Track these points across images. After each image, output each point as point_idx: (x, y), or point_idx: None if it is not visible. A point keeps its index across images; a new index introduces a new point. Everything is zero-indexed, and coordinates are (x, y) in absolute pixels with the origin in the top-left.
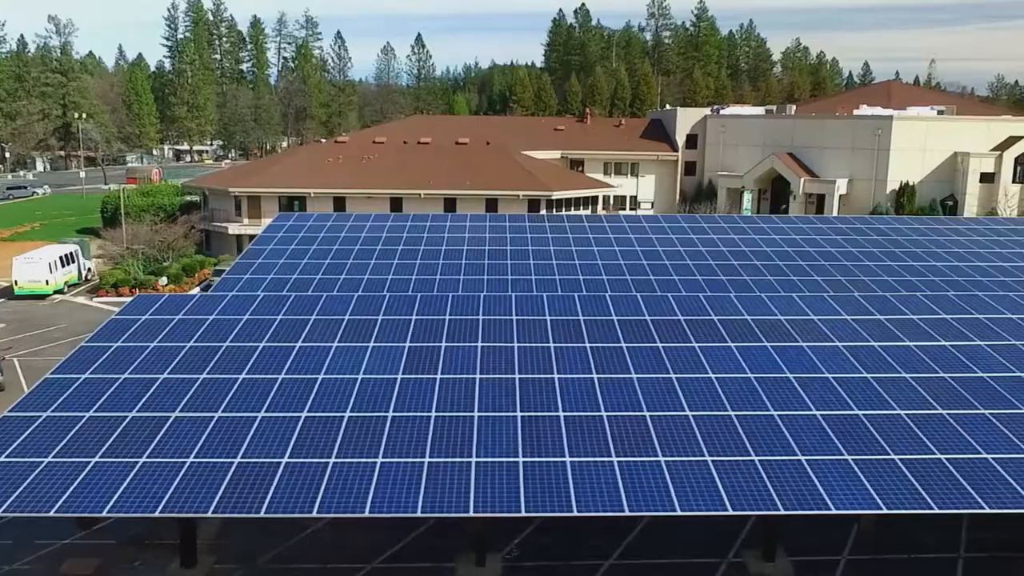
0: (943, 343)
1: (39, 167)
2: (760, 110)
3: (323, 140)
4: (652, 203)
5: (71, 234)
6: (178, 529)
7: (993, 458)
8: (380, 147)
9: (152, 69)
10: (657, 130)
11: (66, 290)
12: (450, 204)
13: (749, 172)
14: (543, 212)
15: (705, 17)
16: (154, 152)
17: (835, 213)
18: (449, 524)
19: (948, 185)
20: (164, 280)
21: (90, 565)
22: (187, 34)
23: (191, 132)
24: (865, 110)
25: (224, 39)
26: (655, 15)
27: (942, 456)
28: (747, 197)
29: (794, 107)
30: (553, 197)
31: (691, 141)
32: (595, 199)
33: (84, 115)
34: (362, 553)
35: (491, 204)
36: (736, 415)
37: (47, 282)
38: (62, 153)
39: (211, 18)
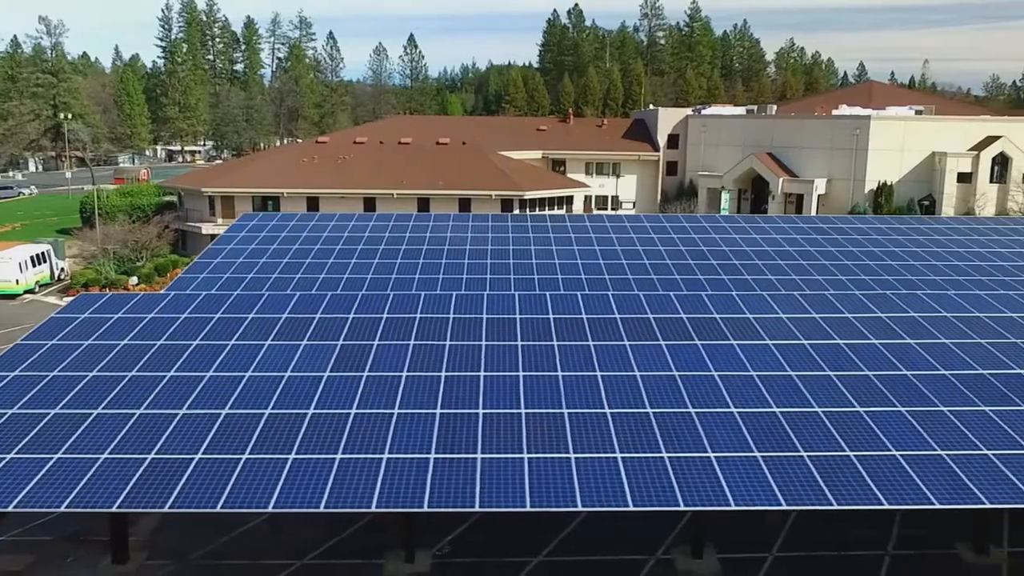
0: (873, 341)
1: (32, 167)
2: (741, 110)
3: (300, 140)
4: (634, 203)
5: (51, 234)
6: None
7: (902, 455)
8: (357, 147)
9: (148, 69)
10: (640, 130)
11: (37, 290)
12: (423, 204)
13: (729, 172)
14: (516, 212)
15: (698, 17)
16: (147, 152)
17: (813, 213)
18: (390, 521)
19: (926, 185)
20: (135, 280)
21: (22, 561)
22: (181, 35)
23: (183, 132)
24: (844, 110)
25: (217, 39)
26: (648, 15)
27: (852, 453)
28: (725, 197)
29: (775, 107)
30: (525, 197)
31: (673, 141)
32: (570, 199)
33: (70, 115)
34: (296, 549)
35: (464, 204)
36: (654, 412)
37: (17, 281)
38: (53, 154)
39: (204, 19)
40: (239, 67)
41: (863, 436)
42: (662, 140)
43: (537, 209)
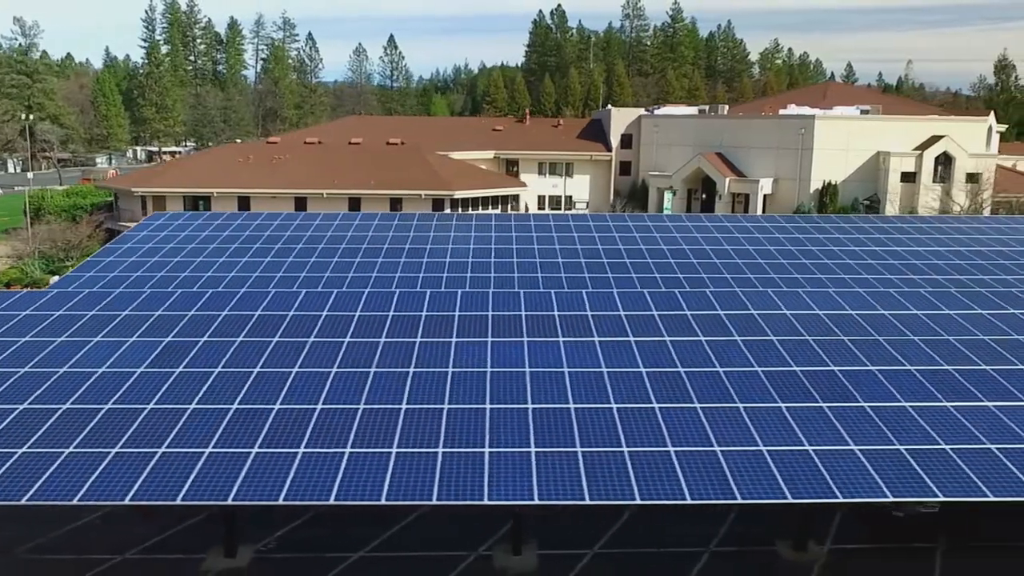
0: (735, 338)
1: (10, 168)
2: (693, 110)
3: (239, 141)
4: (587, 203)
5: None
6: None
7: (676, 450)
8: (299, 148)
9: (131, 70)
10: (595, 131)
11: None
12: (354, 204)
13: (678, 172)
14: (447, 211)
15: (680, 18)
16: (128, 154)
17: (759, 212)
18: (226, 516)
19: (871, 185)
20: (57, 279)
21: None
22: (163, 36)
23: (160, 133)
24: (793, 109)
25: (199, 40)
26: (630, 15)
27: (672, 449)
28: (667, 197)
29: (726, 107)
30: (455, 196)
31: (627, 141)
32: (505, 199)
33: (31, 116)
34: (124, 544)
35: (395, 203)
36: (491, 408)
37: None
38: (30, 154)
39: (185, 20)
40: (221, 68)
41: (691, 432)
42: (615, 140)
43: (470, 208)
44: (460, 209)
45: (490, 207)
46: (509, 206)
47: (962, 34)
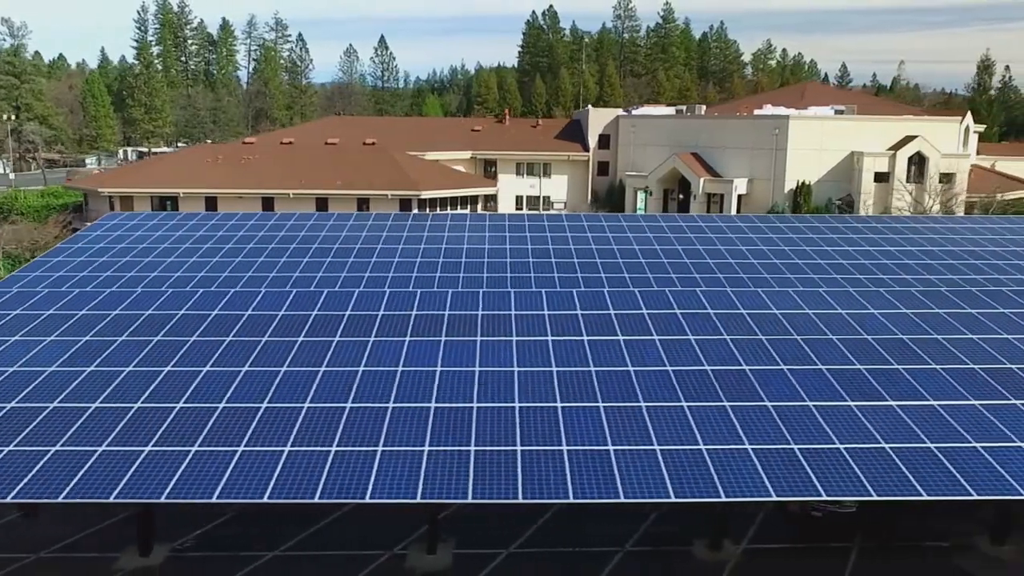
0: (654, 338)
1: (1, 169)
2: (670, 110)
3: (209, 142)
4: (565, 203)
5: None
6: None
7: (569, 450)
8: (273, 148)
9: (122, 71)
10: (575, 131)
11: None
12: (321, 204)
13: (653, 172)
14: (415, 211)
15: (671, 19)
16: (119, 154)
17: (733, 212)
18: (142, 515)
19: (846, 185)
20: None
21: None
22: (151, 37)
23: (149, 134)
24: (769, 110)
25: (190, 41)
26: (621, 16)
27: (565, 448)
28: (640, 197)
29: (703, 107)
30: (422, 196)
31: (604, 141)
32: (475, 199)
33: (18, 117)
34: (41, 543)
35: (362, 203)
36: (394, 405)
37: None
38: (19, 155)
39: (176, 20)
40: (214, 68)
41: (579, 430)
42: (593, 140)
43: (438, 209)
44: (428, 209)
45: (459, 207)
46: (480, 206)
47: (961, 35)
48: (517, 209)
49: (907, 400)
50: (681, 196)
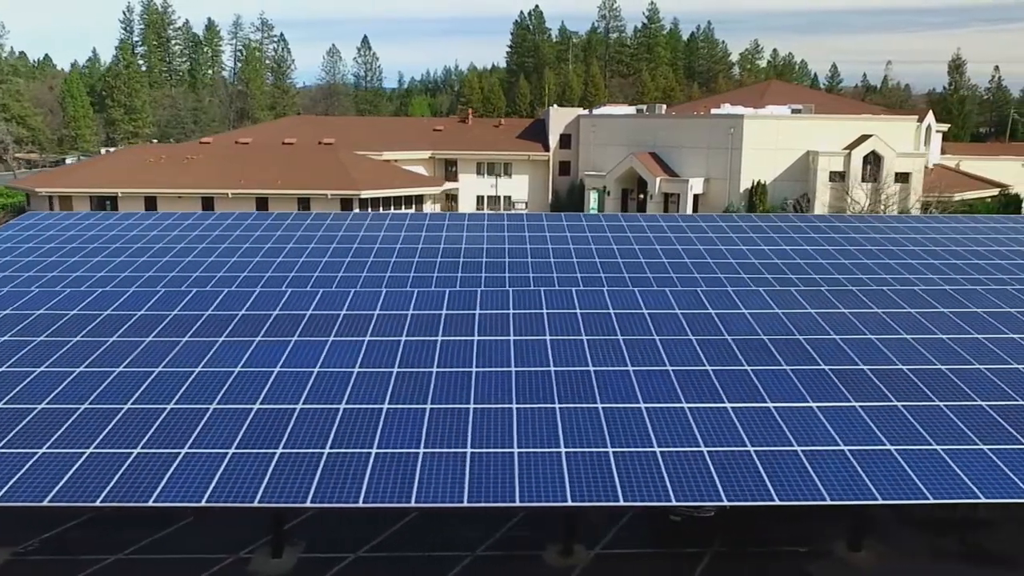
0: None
1: None
2: (631, 109)
3: (154, 141)
4: (526, 203)
5: None
6: None
7: (472, 451)
8: (229, 148)
9: (104, 71)
10: (537, 131)
11: None
12: (262, 203)
13: (611, 171)
14: (356, 210)
15: (656, 19)
16: (101, 154)
17: (689, 212)
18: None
19: (802, 184)
20: None
21: None
22: (138, 37)
23: (130, 135)
24: (727, 109)
25: (173, 41)
26: (606, 16)
27: (421, 449)
28: (593, 196)
29: (664, 107)
30: (362, 196)
31: (566, 141)
32: (420, 198)
33: None
34: None
35: (303, 203)
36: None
37: None
38: None
39: (159, 20)
40: (198, 69)
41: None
42: (554, 140)
43: (380, 208)
44: (370, 208)
45: (404, 207)
46: (414, 206)
47: (962, 35)
48: (478, 209)
49: (784, 402)
50: (641, 196)
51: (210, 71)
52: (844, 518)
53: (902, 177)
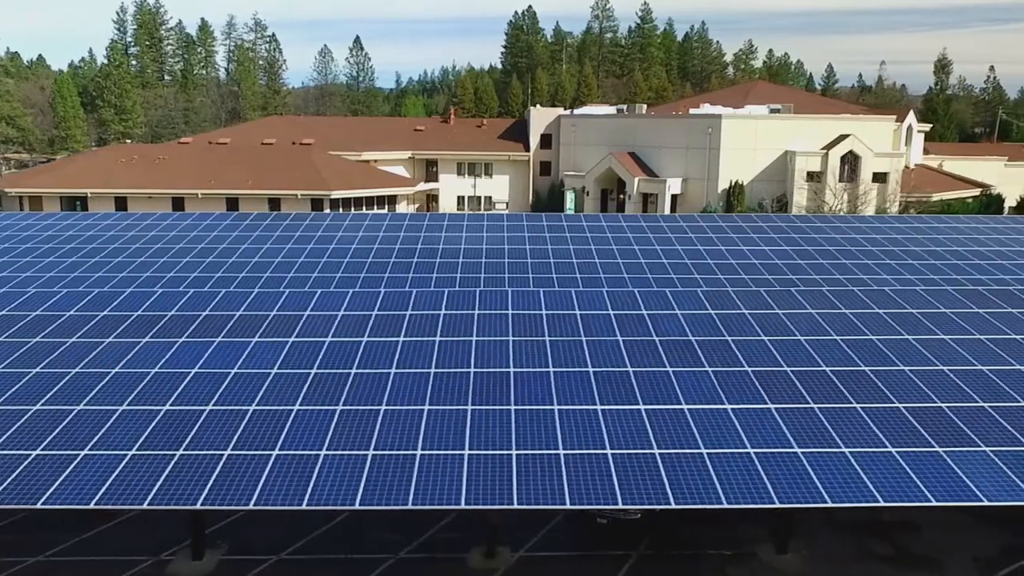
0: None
1: None
2: (611, 110)
3: (127, 141)
4: (507, 203)
5: None
6: None
7: (423, 453)
8: (206, 148)
9: (96, 71)
10: (518, 131)
11: None
12: (232, 204)
13: (590, 171)
14: (327, 211)
15: (649, 19)
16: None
17: (666, 212)
18: None
19: (781, 184)
20: None
21: None
22: (131, 38)
23: (120, 135)
24: (706, 109)
25: (165, 42)
26: (599, 17)
27: (370, 452)
28: (569, 196)
29: (644, 107)
30: (333, 196)
31: (547, 141)
32: (393, 198)
33: None
34: None
35: (273, 203)
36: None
37: None
38: None
39: (151, 21)
40: (191, 69)
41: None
42: (534, 140)
43: (352, 208)
44: (341, 209)
45: (376, 207)
46: (387, 206)
47: (961, 35)
48: (459, 209)
49: (742, 404)
50: (620, 196)
51: (204, 71)
52: (771, 520)
53: (880, 177)
